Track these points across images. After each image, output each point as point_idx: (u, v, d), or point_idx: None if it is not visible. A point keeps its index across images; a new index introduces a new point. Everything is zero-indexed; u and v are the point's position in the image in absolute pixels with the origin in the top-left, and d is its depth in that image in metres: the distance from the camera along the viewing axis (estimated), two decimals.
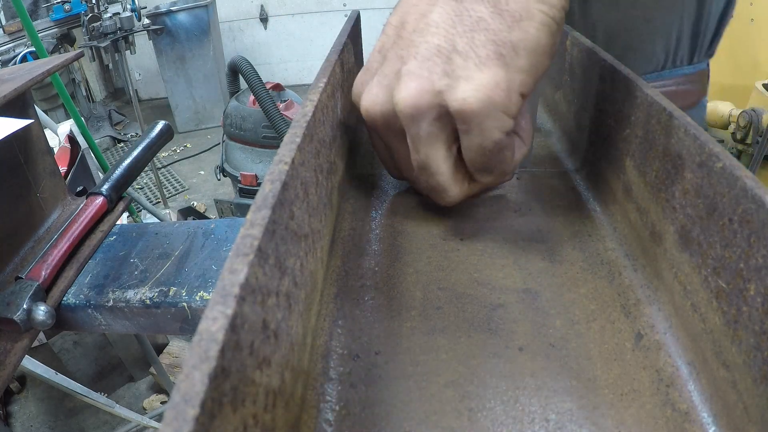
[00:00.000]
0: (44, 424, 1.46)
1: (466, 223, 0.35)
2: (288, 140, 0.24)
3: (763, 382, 0.19)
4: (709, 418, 0.22)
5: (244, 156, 1.68)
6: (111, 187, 0.60)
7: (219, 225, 0.59)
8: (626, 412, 0.22)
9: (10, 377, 0.44)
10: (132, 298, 0.49)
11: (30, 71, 0.53)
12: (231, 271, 0.16)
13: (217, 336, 0.14)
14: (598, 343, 0.26)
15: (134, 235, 0.58)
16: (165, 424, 0.11)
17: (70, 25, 2.94)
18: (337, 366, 0.25)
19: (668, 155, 0.27)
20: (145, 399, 1.54)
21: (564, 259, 0.32)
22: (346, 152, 0.39)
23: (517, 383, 0.24)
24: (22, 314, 0.44)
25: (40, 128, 0.59)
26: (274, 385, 0.18)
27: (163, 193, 2.50)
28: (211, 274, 0.51)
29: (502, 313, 0.28)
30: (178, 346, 1.57)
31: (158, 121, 0.71)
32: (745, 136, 1.42)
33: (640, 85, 0.30)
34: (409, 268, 0.31)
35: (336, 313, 0.28)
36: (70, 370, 1.40)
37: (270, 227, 0.19)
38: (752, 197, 0.20)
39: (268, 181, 0.21)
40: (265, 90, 1.46)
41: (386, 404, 0.23)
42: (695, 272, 0.24)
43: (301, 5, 3.72)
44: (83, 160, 1.21)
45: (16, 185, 0.54)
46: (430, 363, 0.25)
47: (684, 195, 0.25)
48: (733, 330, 0.21)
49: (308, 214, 0.26)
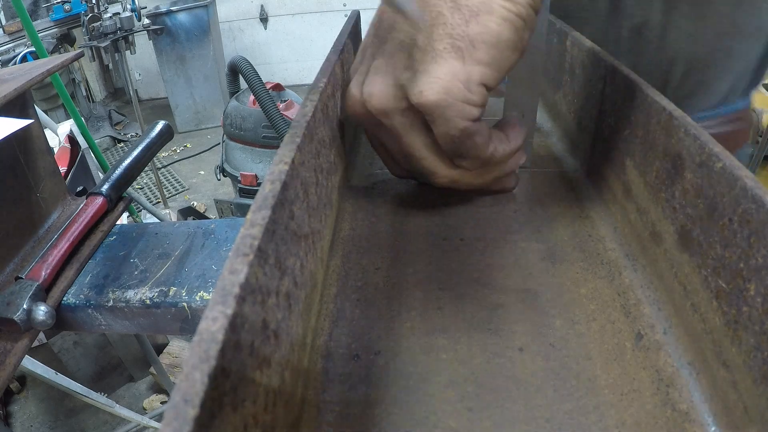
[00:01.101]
0: (44, 424, 1.46)
1: (466, 223, 0.35)
2: (288, 140, 0.24)
3: (763, 382, 0.19)
4: (709, 418, 0.22)
5: (244, 156, 1.68)
6: (111, 187, 0.60)
7: (219, 225, 0.59)
8: (626, 412, 0.22)
9: (10, 377, 0.44)
10: (132, 298, 0.49)
11: (30, 71, 0.53)
12: (231, 271, 0.16)
13: (217, 336, 0.14)
14: (598, 343, 0.26)
15: (134, 235, 0.58)
16: (165, 424, 0.11)
17: (70, 25, 2.94)
18: (337, 366, 0.25)
19: (668, 155, 0.27)
20: (145, 399, 1.54)
21: (564, 259, 0.32)
22: (346, 152, 0.39)
23: (517, 383, 0.24)
24: (22, 314, 0.44)
25: (40, 128, 0.59)
26: (274, 385, 0.18)
27: (163, 193, 2.50)
28: (211, 274, 0.51)
29: (502, 313, 0.28)
30: (178, 346, 1.57)
31: (158, 121, 0.71)
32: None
33: (640, 85, 0.30)
34: (409, 268, 0.31)
35: (336, 313, 0.28)
36: (70, 370, 1.40)
37: (270, 227, 0.19)
38: (752, 197, 0.20)
39: (268, 181, 0.21)
40: (265, 90, 1.45)
41: (386, 404, 0.23)
42: (695, 272, 0.24)
43: (301, 5, 3.72)
44: (83, 160, 1.21)
45: (16, 185, 0.54)
46: (430, 363, 0.25)
47: (684, 195, 0.25)
48: (733, 330, 0.21)
49: (308, 214, 0.26)
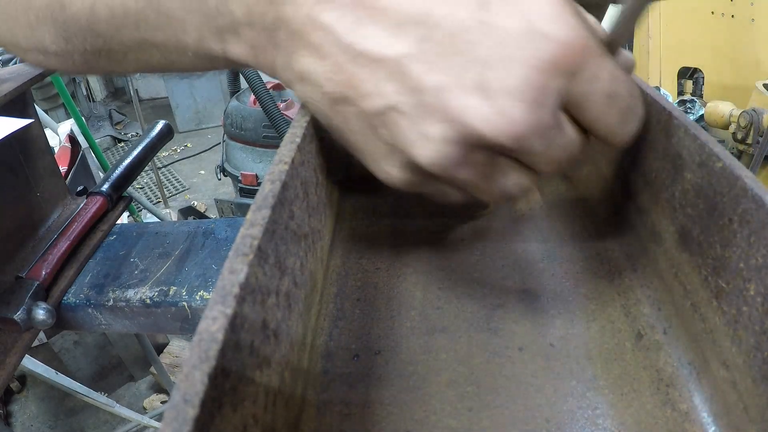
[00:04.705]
0: (44, 423, 1.46)
1: (466, 223, 0.35)
2: (288, 140, 0.24)
3: (763, 382, 0.19)
4: (709, 418, 0.22)
5: (244, 156, 1.68)
6: (111, 186, 0.60)
7: (219, 225, 0.59)
8: (626, 412, 0.22)
9: (11, 377, 0.44)
10: (132, 298, 0.49)
11: (30, 71, 0.53)
12: (231, 271, 0.16)
13: (217, 336, 0.14)
14: (598, 343, 0.26)
15: (134, 235, 0.58)
16: (165, 424, 0.11)
17: None
18: (337, 366, 0.25)
19: (668, 155, 0.27)
20: (145, 399, 1.54)
21: (564, 259, 0.32)
22: (347, 152, 0.39)
23: (517, 383, 0.24)
24: (22, 313, 0.44)
25: (41, 128, 0.59)
26: (273, 385, 0.18)
27: (164, 193, 2.50)
28: (211, 273, 0.51)
29: (502, 313, 0.28)
30: (178, 345, 1.57)
31: (158, 121, 0.71)
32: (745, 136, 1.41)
33: (639, 85, 0.30)
34: (409, 268, 0.31)
35: (336, 313, 0.28)
36: (70, 370, 1.40)
37: (270, 227, 0.19)
38: (752, 197, 0.20)
39: (268, 181, 0.21)
40: (265, 90, 1.45)
41: (386, 404, 0.23)
42: (695, 272, 0.24)
43: None
44: (83, 160, 1.21)
45: (17, 185, 0.54)
46: (430, 363, 0.25)
47: (684, 195, 0.25)
48: (733, 330, 0.21)
49: (308, 214, 0.26)
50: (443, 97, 0.21)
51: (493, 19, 0.20)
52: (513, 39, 0.20)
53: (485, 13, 0.20)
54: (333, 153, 0.33)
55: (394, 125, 0.22)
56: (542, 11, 0.20)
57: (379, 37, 0.21)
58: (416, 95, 0.21)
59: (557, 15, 0.20)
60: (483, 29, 0.20)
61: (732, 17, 1.64)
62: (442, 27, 0.20)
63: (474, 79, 0.20)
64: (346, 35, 0.21)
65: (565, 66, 0.20)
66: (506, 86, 0.20)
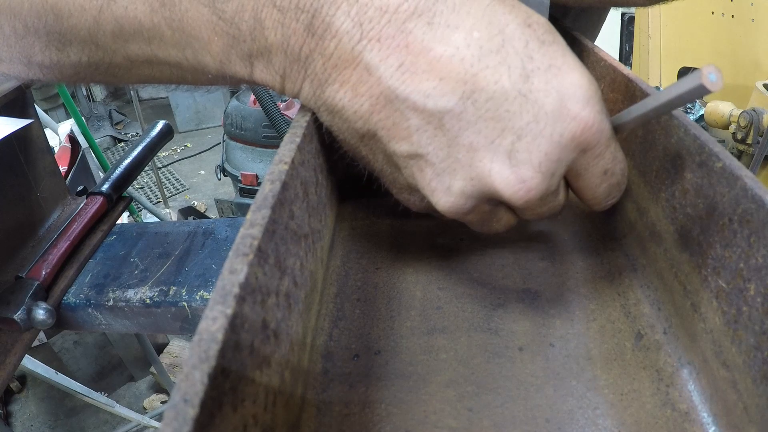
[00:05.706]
0: (44, 423, 1.47)
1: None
2: (288, 140, 0.24)
3: (763, 382, 0.19)
4: (709, 418, 0.22)
5: (244, 156, 1.68)
6: (111, 186, 0.60)
7: (219, 225, 0.59)
8: (626, 412, 0.22)
9: (11, 377, 0.44)
10: (132, 298, 0.50)
11: None
12: (231, 271, 0.16)
13: (217, 336, 0.14)
14: (598, 343, 0.26)
15: (134, 235, 0.58)
16: (165, 424, 0.11)
17: None
18: (337, 366, 0.25)
19: (668, 155, 0.27)
20: (145, 399, 1.54)
21: (564, 259, 0.32)
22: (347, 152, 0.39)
23: (517, 383, 0.24)
24: (22, 313, 0.44)
25: (41, 128, 0.59)
26: (273, 385, 0.18)
27: (164, 193, 2.50)
28: (212, 273, 0.51)
29: (502, 313, 0.28)
30: (178, 345, 1.57)
31: (158, 121, 0.71)
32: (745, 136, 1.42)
33: (639, 85, 0.30)
34: (409, 268, 0.31)
35: (336, 313, 0.28)
36: (70, 370, 1.40)
37: (270, 227, 0.19)
38: (752, 197, 0.20)
39: (268, 181, 0.21)
40: (265, 90, 1.45)
41: (386, 404, 0.23)
42: (695, 272, 0.24)
43: None
44: (83, 160, 1.21)
45: (16, 185, 0.54)
46: (430, 363, 0.25)
47: (684, 195, 0.25)
48: (733, 330, 0.21)
49: (308, 214, 0.26)
50: (473, 157, 0.22)
51: (534, 95, 0.21)
52: (546, 116, 0.21)
53: (527, 86, 0.21)
54: (333, 153, 0.33)
55: (419, 171, 0.24)
56: (576, 95, 0.22)
57: (424, 88, 0.22)
58: (448, 150, 0.23)
59: (587, 100, 0.22)
60: (522, 102, 0.21)
61: (732, 17, 1.64)
62: (486, 91, 0.21)
63: (505, 146, 0.22)
64: (389, 78, 0.22)
65: (581, 144, 0.22)
66: (531, 158, 0.22)
